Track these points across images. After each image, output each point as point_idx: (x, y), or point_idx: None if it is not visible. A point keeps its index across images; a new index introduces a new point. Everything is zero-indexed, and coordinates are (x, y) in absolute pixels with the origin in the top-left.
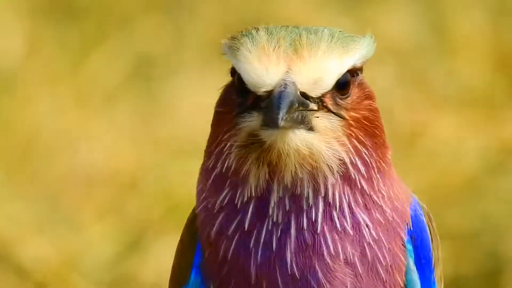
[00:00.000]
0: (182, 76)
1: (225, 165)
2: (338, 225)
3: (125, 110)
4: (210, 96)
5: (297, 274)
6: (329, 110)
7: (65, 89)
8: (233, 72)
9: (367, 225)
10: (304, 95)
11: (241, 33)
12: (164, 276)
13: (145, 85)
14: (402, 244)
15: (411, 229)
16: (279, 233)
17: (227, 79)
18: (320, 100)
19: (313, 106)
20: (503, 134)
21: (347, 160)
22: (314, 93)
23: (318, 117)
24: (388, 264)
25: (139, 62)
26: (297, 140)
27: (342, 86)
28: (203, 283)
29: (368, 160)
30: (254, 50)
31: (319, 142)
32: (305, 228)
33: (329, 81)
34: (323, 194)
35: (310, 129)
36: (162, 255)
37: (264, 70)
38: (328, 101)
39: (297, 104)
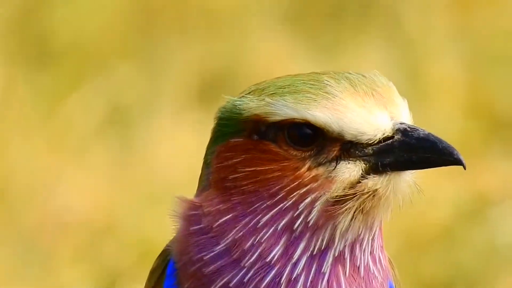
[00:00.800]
0: (157, 122)
1: (300, 220)
2: (373, 270)
3: (101, 155)
4: (185, 142)
5: None
6: None
7: (40, 134)
8: (273, 127)
9: (376, 273)
10: None
11: (279, 87)
12: None
13: (120, 131)
14: None
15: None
16: (323, 282)
17: (201, 125)
18: None
19: None
20: (478, 183)
21: None
22: None
23: None
24: None
25: (114, 107)
26: (405, 184)
27: None
28: None
29: None
30: (347, 96)
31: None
32: (347, 274)
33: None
34: (373, 238)
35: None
36: None
37: (372, 115)
38: None
39: None
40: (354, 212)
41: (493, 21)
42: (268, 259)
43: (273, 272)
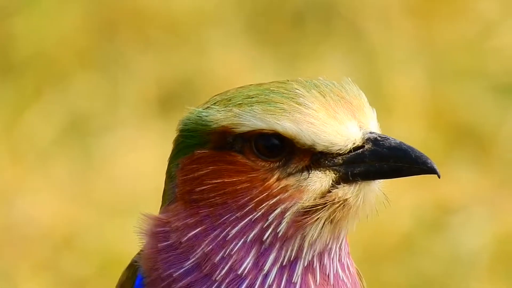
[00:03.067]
0: (117, 133)
1: (269, 231)
2: (342, 277)
3: (61, 167)
4: (147, 152)
5: None
6: None
7: (0, 145)
8: (240, 138)
9: (345, 280)
10: None
11: (247, 96)
12: None
13: (81, 142)
14: None
15: None
16: None
17: (163, 135)
18: None
19: None
20: (438, 192)
21: None
22: None
23: None
24: None
25: (74, 118)
26: (375, 193)
27: None
28: None
29: None
30: (318, 107)
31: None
32: (317, 283)
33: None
34: (340, 247)
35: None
36: None
37: (343, 126)
38: None
39: None
40: (324, 222)
41: (454, 33)
42: (239, 272)
43: (245, 284)
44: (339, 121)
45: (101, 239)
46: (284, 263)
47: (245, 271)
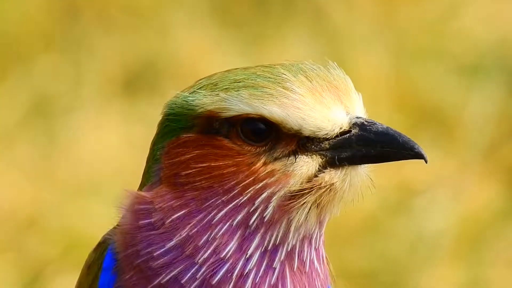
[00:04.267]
0: (81, 114)
1: (255, 215)
2: (316, 266)
3: (24, 148)
4: (110, 133)
5: None
6: None
7: None
8: (227, 122)
9: (319, 270)
10: None
11: (233, 80)
12: None
13: (44, 123)
14: None
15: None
16: (273, 278)
17: (126, 116)
18: None
19: None
20: (402, 173)
21: None
22: None
23: None
24: None
25: (38, 100)
26: (361, 178)
27: None
28: None
29: None
30: (305, 92)
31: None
32: (295, 269)
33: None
34: (321, 234)
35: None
36: None
37: (330, 111)
38: None
39: None
40: (310, 207)
41: (417, 14)
42: (222, 255)
43: (226, 267)
44: (326, 106)
45: (64, 220)
46: (268, 248)
47: (228, 255)
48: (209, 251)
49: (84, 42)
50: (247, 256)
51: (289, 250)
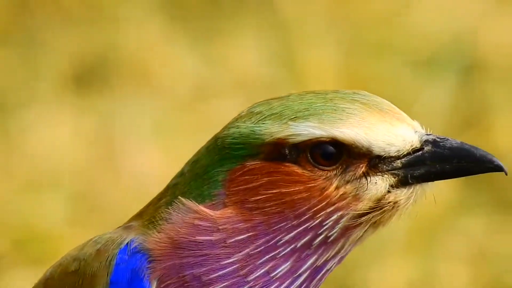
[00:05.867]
0: (34, 108)
1: (321, 237)
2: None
3: None
4: (63, 127)
5: None
6: None
7: None
8: (295, 149)
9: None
10: None
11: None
12: None
13: None
14: None
15: None
16: None
17: (80, 111)
18: None
19: None
20: None
21: None
22: None
23: None
24: None
25: None
26: (424, 194)
27: None
28: None
29: None
30: (369, 115)
31: None
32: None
33: None
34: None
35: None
36: None
37: (398, 128)
38: None
39: None
40: (370, 224)
41: (370, 8)
42: (272, 274)
43: (273, 287)
44: (392, 124)
45: (17, 214)
46: (319, 265)
47: (278, 274)
48: (262, 271)
49: (37, 35)
50: (296, 275)
51: (330, 269)
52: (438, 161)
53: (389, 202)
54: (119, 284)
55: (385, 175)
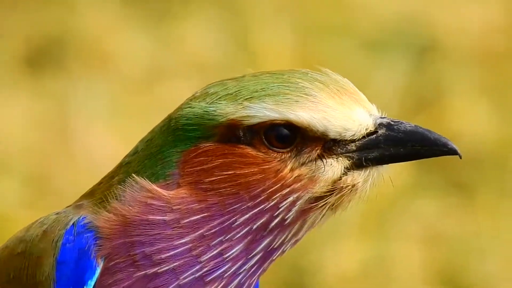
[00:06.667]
0: None
1: (277, 220)
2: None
3: None
4: (17, 110)
5: None
6: None
7: None
8: (249, 131)
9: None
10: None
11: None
12: None
13: None
14: None
15: None
16: (253, 278)
17: (33, 94)
18: None
19: None
20: None
21: None
22: None
23: None
24: None
25: None
26: (381, 176)
27: None
28: None
29: None
30: (326, 96)
31: None
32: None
33: None
34: None
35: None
36: None
37: (353, 112)
38: None
39: None
40: (328, 207)
41: None
42: (225, 255)
43: (224, 268)
44: (348, 108)
45: None
46: (275, 247)
47: (231, 256)
48: (215, 252)
49: None
50: (250, 256)
51: (284, 250)
52: (392, 145)
53: (347, 186)
54: (66, 263)
55: (340, 158)
